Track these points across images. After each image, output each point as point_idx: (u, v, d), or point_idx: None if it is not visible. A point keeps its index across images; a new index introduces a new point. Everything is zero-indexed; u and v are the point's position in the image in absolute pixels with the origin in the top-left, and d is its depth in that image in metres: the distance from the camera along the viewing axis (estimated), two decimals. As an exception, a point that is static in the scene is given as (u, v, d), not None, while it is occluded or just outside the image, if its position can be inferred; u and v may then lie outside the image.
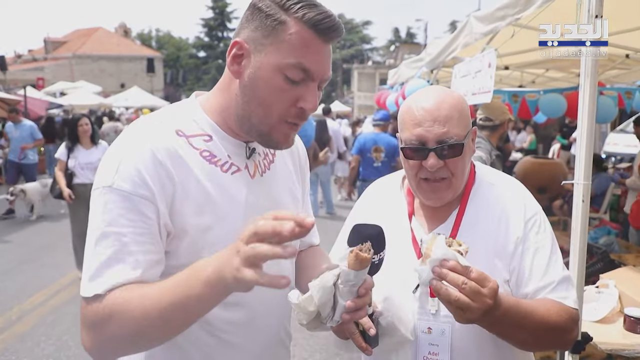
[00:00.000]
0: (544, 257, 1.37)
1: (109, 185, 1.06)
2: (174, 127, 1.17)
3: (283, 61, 1.10)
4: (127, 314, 0.98)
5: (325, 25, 1.11)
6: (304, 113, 1.15)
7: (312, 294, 1.12)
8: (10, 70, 30.01)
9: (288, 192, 1.37)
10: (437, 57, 4.76)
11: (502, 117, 3.89)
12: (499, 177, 1.51)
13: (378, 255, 1.16)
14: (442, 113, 1.34)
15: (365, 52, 56.31)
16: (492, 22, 3.18)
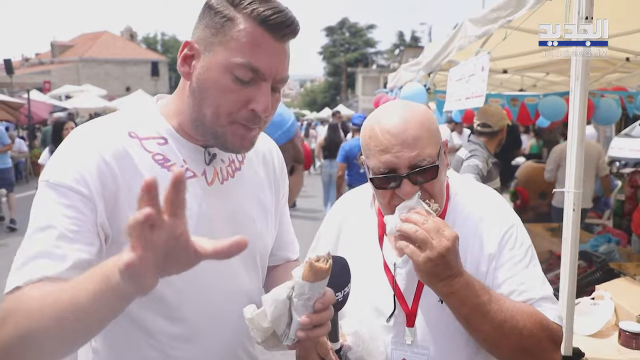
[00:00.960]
0: (519, 273, 1.27)
1: (47, 179, 1.02)
2: (127, 129, 1.12)
3: (231, 60, 1.05)
4: (25, 311, 0.88)
5: (276, 20, 1.05)
6: (255, 115, 1.08)
7: (265, 309, 1.05)
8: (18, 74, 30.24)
9: (255, 202, 1.29)
10: (433, 60, 4.68)
11: (500, 123, 3.81)
12: (473, 190, 1.42)
13: (342, 292, 1.10)
14: (409, 134, 1.20)
15: (369, 56, 56.27)
16: (485, 24, 3.10)
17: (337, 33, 56.90)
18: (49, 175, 1.03)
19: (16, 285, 0.92)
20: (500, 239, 1.30)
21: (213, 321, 1.18)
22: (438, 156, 1.24)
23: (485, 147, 3.80)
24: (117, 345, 1.14)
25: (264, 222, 1.31)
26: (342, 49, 56.19)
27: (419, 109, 1.28)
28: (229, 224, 1.19)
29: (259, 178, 1.32)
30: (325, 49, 57.11)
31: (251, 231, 1.24)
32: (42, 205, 1.01)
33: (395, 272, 1.33)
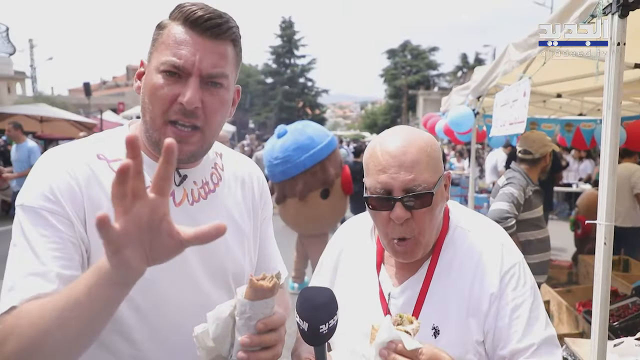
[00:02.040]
0: (522, 315, 1.22)
1: (21, 203, 1.07)
2: (96, 151, 1.17)
3: (159, 60, 1.10)
4: (27, 321, 0.91)
5: (196, 15, 1.09)
6: (182, 108, 1.09)
7: (209, 326, 1.03)
8: (95, 96, 32.36)
9: (229, 223, 1.26)
10: (480, 84, 4.59)
11: (542, 150, 3.66)
12: (476, 223, 1.37)
13: (327, 324, 1.06)
14: (408, 157, 1.19)
15: (431, 78, 55.68)
16: (526, 49, 3.02)
17: (398, 55, 56.78)
18: (24, 199, 1.07)
19: (12, 305, 0.96)
20: (502, 278, 1.25)
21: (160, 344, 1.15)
22: (435, 185, 1.21)
23: (526, 174, 3.65)
24: None
25: (238, 245, 1.30)
26: (404, 71, 55.92)
27: (422, 136, 1.27)
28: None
29: (235, 201, 1.32)
30: (386, 71, 57.05)
31: (222, 253, 1.24)
32: (21, 229, 1.05)
33: (389, 302, 1.31)
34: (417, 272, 1.31)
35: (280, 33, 47.46)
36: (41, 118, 15.51)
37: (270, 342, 1.03)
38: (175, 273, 1.13)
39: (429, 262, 1.31)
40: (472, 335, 1.23)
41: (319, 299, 1.08)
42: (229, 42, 1.15)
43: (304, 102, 47.46)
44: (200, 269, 1.20)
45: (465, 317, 1.24)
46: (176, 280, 1.15)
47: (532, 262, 3.49)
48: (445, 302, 1.26)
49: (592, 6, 2.08)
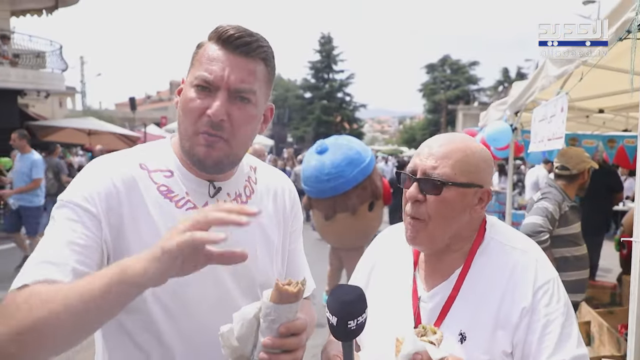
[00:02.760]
0: (554, 331, 1.20)
1: (62, 199, 1.15)
2: (139, 161, 1.24)
3: (194, 75, 1.19)
4: (38, 299, 0.94)
5: (227, 35, 1.16)
6: (210, 120, 1.15)
7: (234, 326, 1.07)
8: (140, 110, 33.52)
9: (260, 233, 1.33)
10: (518, 100, 4.55)
11: (580, 167, 3.58)
12: (512, 237, 1.36)
13: (355, 321, 1.08)
14: (440, 150, 1.29)
15: (471, 93, 54.97)
16: (563, 64, 2.99)
17: (437, 70, 56.32)
18: (64, 195, 1.15)
19: (24, 283, 1.00)
20: (535, 293, 1.24)
21: (207, 352, 1.20)
22: (457, 184, 1.26)
23: (563, 190, 3.58)
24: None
25: (267, 255, 1.35)
26: (443, 86, 55.39)
27: (469, 142, 1.33)
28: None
29: (266, 213, 1.37)
30: (425, 86, 56.63)
31: (251, 262, 1.24)
32: (57, 220, 1.12)
33: (420, 303, 1.33)
34: (449, 278, 1.33)
35: (319, 48, 47.89)
36: (89, 131, 16.19)
37: (291, 346, 1.07)
38: (205, 279, 1.18)
39: (460, 269, 1.32)
40: (499, 345, 1.23)
41: (349, 296, 1.11)
42: (259, 60, 1.21)
43: (342, 117, 47.54)
44: (229, 276, 1.25)
45: (493, 327, 1.24)
46: (205, 285, 1.21)
47: (568, 280, 3.40)
48: (474, 310, 1.26)
49: (627, 22, 2.06)
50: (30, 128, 15.04)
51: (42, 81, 15.15)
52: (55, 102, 28.79)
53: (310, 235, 9.59)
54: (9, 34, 14.01)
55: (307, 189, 5.64)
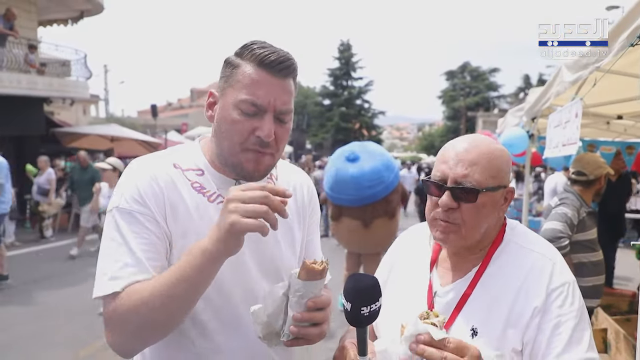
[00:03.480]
0: (564, 333, 1.22)
1: (116, 206, 1.26)
2: (172, 161, 1.36)
3: (237, 98, 1.27)
4: (137, 297, 1.12)
5: (269, 59, 1.26)
6: (261, 140, 1.27)
7: (264, 303, 1.17)
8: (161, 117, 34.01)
9: (282, 226, 1.39)
10: (534, 106, 4.56)
11: (597, 172, 3.59)
12: (531, 240, 1.39)
13: (368, 307, 1.14)
14: (468, 157, 1.31)
15: (491, 100, 54.57)
16: (577, 70, 3.01)
17: (457, 77, 56.09)
18: (117, 202, 1.27)
19: (115, 291, 1.16)
20: (548, 294, 1.26)
21: (237, 331, 1.33)
22: (488, 189, 1.29)
23: (580, 196, 3.59)
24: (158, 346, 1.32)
25: (289, 245, 1.46)
26: (463, 93, 55.08)
27: (491, 144, 1.36)
28: (252, 244, 1.32)
29: (287, 208, 1.45)
30: (444, 93, 56.44)
31: (276, 251, 1.40)
32: (116, 226, 1.23)
33: (435, 298, 1.37)
34: (466, 275, 1.36)
35: (338, 55, 48.04)
36: (112, 137, 16.52)
37: (319, 319, 1.18)
38: (235, 267, 1.30)
39: (477, 267, 1.36)
40: (509, 343, 1.25)
41: (363, 283, 1.17)
42: (292, 78, 1.33)
43: (361, 124, 47.56)
44: (255, 265, 1.37)
45: (504, 325, 1.26)
46: (236, 273, 1.33)
47: (585, 286, 3.39)
48: (487, 307, 1.29)
49: (638, 28, 2.09)
50: (55, 134, 15.46)
51: (67, 89, 15.53)
52: (79, 109, 29.43)
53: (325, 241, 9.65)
54: (36, 44, 14.41)
55: (342, 197, 5.57)
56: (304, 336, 1.18)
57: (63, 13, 16.96)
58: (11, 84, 12.86)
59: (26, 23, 14.61)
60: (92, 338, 5.30)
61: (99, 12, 17.20)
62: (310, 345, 1.24)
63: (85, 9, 16.67)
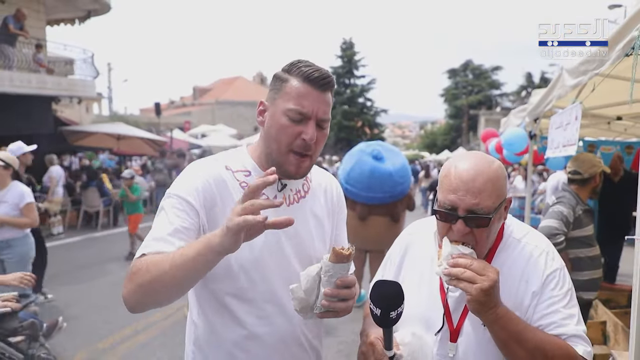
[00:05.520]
0: (557, 310, 1.43)
1: (170, 192, 1.49)
2: (224, 163, 1.59)
3: (286, 107, 1.50)
4: (153, 262, 1.31)
5: (314, 76, 1.50)
6: (305, 143, 1.50)
7: (301, 281, 1.39)
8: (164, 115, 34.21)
9: (314, 222, 1.66)
10: (536, 108, 4.73)
11: (591, 171, 3.77)
12: (526, 234, 1.57)
13: (396, 311, 1.37)
14: (476, 185, 1.40)
15: (493, 98, 54.55)
16: (578, 76, 3.18)
17: (459, 75, 56.03)
18: (172, 189, 1.49)
19: (143, 253, 1.36)
20: (544, 280, 1.46)
21: (278, 308, 1.55)
22: (496, 210, 1.43)
23: (576, 194, 3.77)
24: (211, 321, 1.57)
25: (320, 239, 1.67)
26: (465, 91, 55.06)
27: (492, 165, 1.46)
28: (290, 235, 1.57)
29: (319, 204, 1.70)
30: (447, 91, 56.41)
31: (308, 243, 1.62)
32: (167, 207, 1.46)
33: (447, 294, 1.55)
34: None
35: (341, 54, 48.07)
36: (118, 136, 16.71)
37: (345, 295, 1.38)
38: (275, 255, 1.54)
39: None
40: None
41: (390, 291, 1.38)
42: (330, 91, 1.56)
43: (363, 122, 47.59)
44: (293, 255, 1.59)
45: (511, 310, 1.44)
46: (276, 260, 1.56)
47: (582, 279, 3.58)
48: None
49: (632, 40, 2.26)
50: (63, 133, 15.65)
51: (75, 88, 15.72)
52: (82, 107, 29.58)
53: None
54: (42, 43, 14.56)
55: (376, 196, 5.69)
56: (333, 309, 1.39)
57: (70, 13, 17.14)
58: (22, 84, 13.05)
59: (35, 23, 14.79)
60: (110, 331, 5.51)
61: (105, 12, 17.37)
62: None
63: (92, 9, 16.86)
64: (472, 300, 1.33)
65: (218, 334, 1.55)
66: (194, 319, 1.62)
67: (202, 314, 1.58)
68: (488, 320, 1.36)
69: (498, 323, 1.35)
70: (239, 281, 1.51)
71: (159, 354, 5.03)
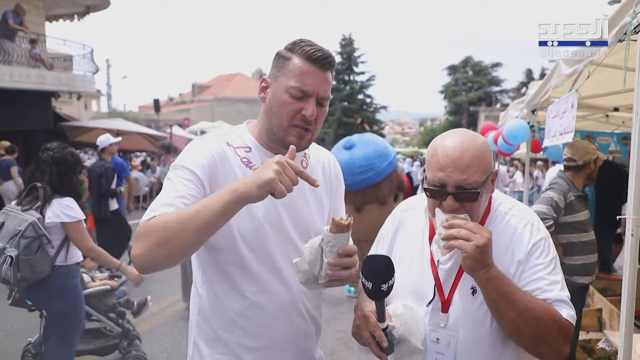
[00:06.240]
0: (542, 277, 1.49)
1: (176, 163, 1.55)
2: (226, 140, 1.64)
3: (288, 84, 1.55)
4: (167, 217, 1.35)
5: (316, 55, 1.55)
6: (305, 119, 1.56)
7: (304, 254, 1.43)
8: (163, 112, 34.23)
9: (313, 197, 1.72)
10: (533, 98, 4.78)
11: (585, 158, 3.82)
12: (512, 207, 1.62)
13: (387, 284, 1.42)
14: (463, 162, 1.45)
15: (494, 95, 54.51)
16: (574, 64, 3.23)
17: (459, 72, 55.82)
18: (179, 161, 1.55)
19: (153, 215, 1.39)
20: (530, 248, 1.52)
21: (277, 278, 1.61)
22: (483, 184, 1.49)
23: (570, 181, 3.83)
24: (214, 291, 1.62)
25: (318, 212, 1.73)
26: (465, 87, 54.93)
27: (478, 141, 1.51)
28: (290, 209, 1.63)
29: (318, 179, 1.71)
30: (446, 87, 56.20)
31: (307, 216, 1.68)
32: (174, 176, 1.51)
33: (438, 267, 1.60)
34: None
35: (340, 50, 47.93)
36: (118, 132, 16.72)
37: (348, 263, 1.42)
38: (276, 228, 1.60)
39: None
40: None
41: (380, 264, 1.43)
42: (331, 71, 1.61)
43: (363, 119, 47.52)
44: (292, 229, 1.65)
45: None
46: (276, 232, 1.61)
47: (575, 264, 3.63)
48: None
49: (626, 25, 2.30)
50: (62, 128, 15.67)
51: (75, 83, 15.74)
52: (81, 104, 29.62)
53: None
54: (36, 38, 14.53)
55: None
56: (338, 277, 1.43)
57: (69, 8, 17.16)
58: (21, 79, 13.09)
59: (34, 18, 14.81)
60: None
61: (104, 8, 17.39)
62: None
63: (91, 4, 16.89)
64: (468, 258, 1.38)
65: (221, 303, 1.61)
66: (198, 289, 1.68)
67: (206, 284, 1.64)
68: (482, 280, 1.41)
69: (491, 284, 1.40)
70: (240, 251, 1.57)
71: (161, 343, 5.10)
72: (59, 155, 3.47)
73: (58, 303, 3.43)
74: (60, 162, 3.44)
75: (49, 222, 3.31)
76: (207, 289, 1.64)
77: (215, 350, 1.62)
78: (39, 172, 3.43)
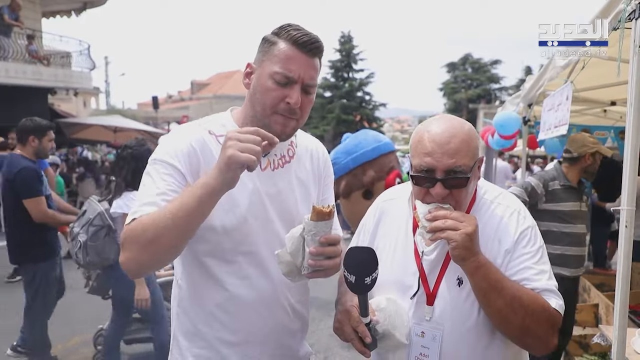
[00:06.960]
0: (529, 267, 1.44)
1: (154, 158, 1.48)
2: (208, 128, 1.57)
3: (272, 69, 1.48)
4: (148, 219, 1.31)
5: (303, 40, 1.48)
6: (289, 107, 1.49)
7: (286, 244, 1.37)
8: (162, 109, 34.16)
9: (299, 187, 1.65)
10: (529, 92, 4.73)
11: (581, 150, 3.78)
12: (498, 195, 1.58)
13: (370, 277, 1.35)
14: (451, 147, 1.41)
15: (493, 92, 54.41)
16: (568, 55, 3.17)
17: (458, 69, 55.66)
18: (156, 155, 1.48)
19: (134, 218, 1.35)
20: (517, 237, 1.47)
21: (260, 270, 1.55)
22: (471, 169, 1.44)
23: (562, 171, 3.80)
24: (194, 282, 1.57)
25: (305, 203, 1.65)
26: (464, 85, 54.79)
27: (465, 127, 1.47)
28: (275, 200, 1.57)
29: (305, 170, 1.69)
30: (446, 85, 56.01)
31: (293, 207, 1.61)
32: (152, 172, 1.45)
33: (422, 258, 1.55)
34: None
35: (339, 47, 47.76)
36: (115, 128, 16.70)
37: (331, 253, 1.37)
38: (259, 218, 1.54)
39: None
40: None
41: (364, 256, 1.36)
42: (318, 57, 1.55)
43: (362, 116, 47.34)
44: (277, 219, 1.58)
45: None
46: (260, 223, 1.55)
47: (553, 253, 3.55)
48: None
49: (620, 13, 2.26)
50: (59, 125, 15.62)
51: (71, 80, 15.70)
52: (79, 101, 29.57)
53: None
54: (33, 34, 14.49)
55: None
56: (321, 267, 1.37)
57: (66, 4, 17.11)
58: (17, 74, 13.04)
59: (30, 14, 14.75)
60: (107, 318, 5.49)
61: (101, 4, 17.35)
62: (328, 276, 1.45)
63: (88, 1, 16.81)
64: (457, 247, 1.34)
65: (200, 295, 1.56)
66: (178, 281, 1.63)
67: (185, 275, 1.59)
68: (470, 268, 1.37)
69: (479, 272, 1.36)
70: (220, 242, 1.51)
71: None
72: (137, 152, 3.73)
73: (122, 289, 3.73)
74: (138, 158, 3.66)
75: (113, 212, 3.58)
76: (186, 281, 1.59)
77: (194, 344, 1.57)
78: (117, 167, 3.80)
